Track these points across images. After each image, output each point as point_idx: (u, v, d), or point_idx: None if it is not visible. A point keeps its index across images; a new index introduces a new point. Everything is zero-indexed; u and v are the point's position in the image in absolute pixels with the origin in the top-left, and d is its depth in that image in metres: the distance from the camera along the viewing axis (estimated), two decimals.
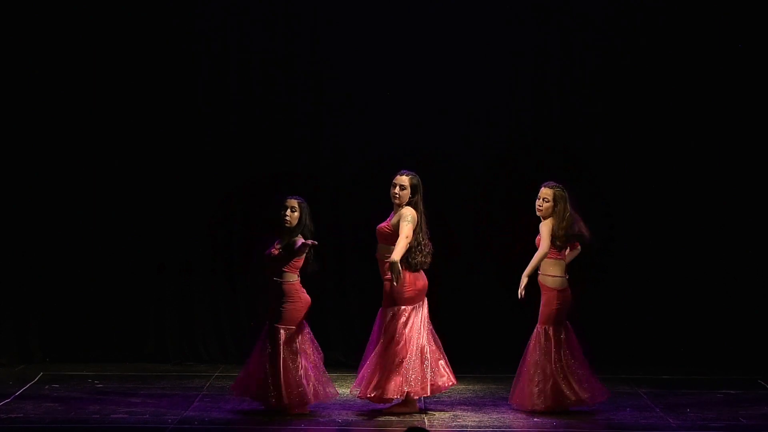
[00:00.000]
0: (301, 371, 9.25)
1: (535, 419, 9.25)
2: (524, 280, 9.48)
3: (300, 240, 9.33)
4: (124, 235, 11.91)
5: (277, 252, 9.37)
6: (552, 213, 9.52)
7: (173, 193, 11.91)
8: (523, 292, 9.45)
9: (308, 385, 9.26)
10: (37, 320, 11.91)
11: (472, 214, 11.89)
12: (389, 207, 9.53)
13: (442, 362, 9.41)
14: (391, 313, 9.31)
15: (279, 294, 9.37)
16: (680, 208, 11.85)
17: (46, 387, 10.48)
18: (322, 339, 11.96)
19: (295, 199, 9.46)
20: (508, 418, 9.32)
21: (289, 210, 9.40)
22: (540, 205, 9.57)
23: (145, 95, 11.90)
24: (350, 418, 9.28)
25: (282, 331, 9.32)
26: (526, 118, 12.00)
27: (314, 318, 11.98)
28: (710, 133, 11.84)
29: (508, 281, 11.75)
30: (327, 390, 9.42)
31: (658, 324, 11.76)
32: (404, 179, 9.43)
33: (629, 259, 11.81)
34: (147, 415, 9.27)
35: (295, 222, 9.40)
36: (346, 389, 10.41)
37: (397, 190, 9.41)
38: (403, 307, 9.30)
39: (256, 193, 11.68)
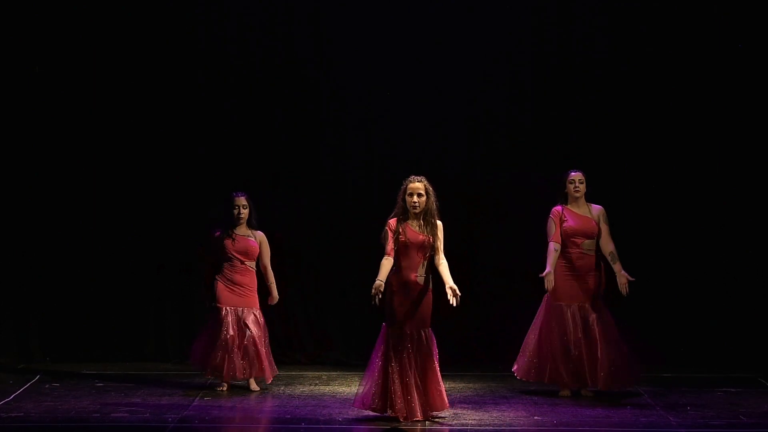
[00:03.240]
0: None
1: (536, 417, 9.25)
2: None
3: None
4: (124, 235, 11.92)
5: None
6: (428, 206, 8.98)
7: (173, 194, 11.92)
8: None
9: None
10: (37, 320, 11.93)
11: (472, 213, 11.89)
12: (389, 206, 9.47)
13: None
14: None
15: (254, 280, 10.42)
16: (680, 207, 11.86)
17: (47, 386, 10.48)
18: (322, 339, 12.04)
19: (242, 196, 10.33)
20: (509, 416, 9.30)
21: (241, 208, 10.27)
22: (417, 203, 8.94)
23: (145, 95, 11.92)
24: (350, 417, 9.26)
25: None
26: (526, 118, 12.02)
27: (315, 317, 12.06)
28: (710, 133, 11.85)
29: (507, 279, 11.86)
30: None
31: (659, 323, 11.77)
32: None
33: (629, 258, 11.78)
34: (147, 414, 9.26)
35: (246, 217, 10.30)
36: (346, 387, 10.43)
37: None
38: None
39: (256, 193, 11.67)
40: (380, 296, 8.73)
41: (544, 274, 9.92)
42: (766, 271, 11.82)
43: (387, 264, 8.88)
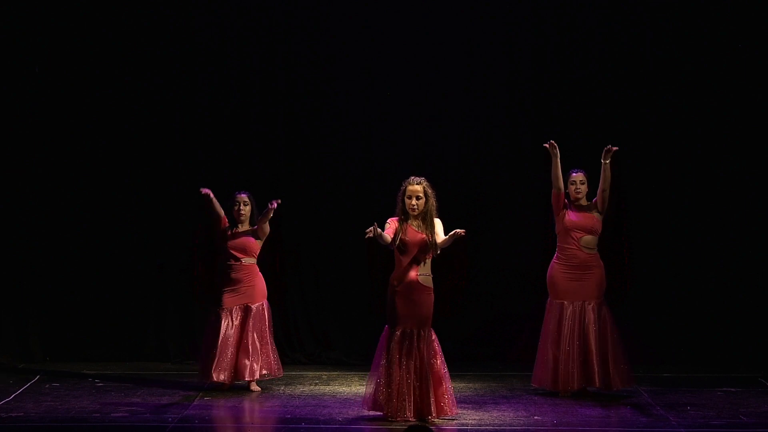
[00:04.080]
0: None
1: (536, 417, 9.25)
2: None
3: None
4: (124, 235, 11.92)
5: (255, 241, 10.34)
6: (427, 208, 8.99)
7: (173, 193, 11.91)
8: None
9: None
10: (37, 320, 11.92)
11: (471, 214, 11.88)
12: (390, 206, 9.46)
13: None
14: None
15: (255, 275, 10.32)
16: (681, 207, 11.85)
17: (47, 386, 10.48)
18: (322, 338, 12.03)
19: (244, 194, 10.33)
20: (509, 416, 9.30)
21: (241, 205, 10.26)
22: (416, 205, 8.95)
23: (146, 95, 11.91)
24: (350, 417, 9.25)
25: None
26: (526, 118, 12.01)
27: (316, 317, 12.05)
28: (708, 133, 11.84)
29: (507, 279, 11.85)
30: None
31: (659, 322, 11.76)
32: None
33: (629, 258, 11.80)
34: (147, 414, 9.26)
35: (248, 215, 10.25)
36: (346, 387, 10.43)
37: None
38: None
39: (257, 192, 11.69)
40: (373, 234, 8.66)
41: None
42: (766, 271, 11.81)
43: (386, 236, 8.87)
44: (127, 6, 11.89)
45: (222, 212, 10.28)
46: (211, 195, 10.17)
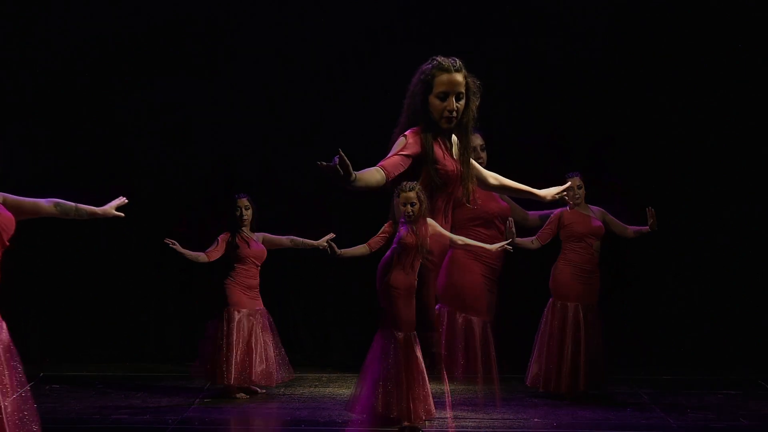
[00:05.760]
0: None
1: (536, 419, 9.25)
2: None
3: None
4: (123, 235, 11.92)
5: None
6: (421, 213, 8.70)
7: (173, 193, 11.92)
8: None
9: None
10: (37, 320, 11.93)
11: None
12: (389, 206, 9.45)
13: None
14: None
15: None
16: (681, 207, 11.86)
17: (46, 387, 10.48)
18: (322, 339, 12.04)
19: (244, 197, 10.15)
20: (509, 419, 9.30)
21: (243, 209, 10.14)
22: (412, 211, 8.65)
23: (146, 95, 11.92)
24: (350, 420, 9.25)
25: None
26: (525, 119, 12.03)
27: (315, 317, 12.06)
28: (708, 133, 11.86)
29: (507, 281, 11.85)
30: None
31: (659, 324, 11.78)
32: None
33: (629, 259, 11.81)
34: (147, 415, 9.26)
35: (251, 218, 10.16)
36: (346, 389, 10.43)
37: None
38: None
39: (257, 193, 11.69)
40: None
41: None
42: (766, 272, 11.82)
43: (360, 249, 8.86)
44: (126, 6, 11.90)
45: (200, 256, 10.07)
46: (178, 247, 9.94)
